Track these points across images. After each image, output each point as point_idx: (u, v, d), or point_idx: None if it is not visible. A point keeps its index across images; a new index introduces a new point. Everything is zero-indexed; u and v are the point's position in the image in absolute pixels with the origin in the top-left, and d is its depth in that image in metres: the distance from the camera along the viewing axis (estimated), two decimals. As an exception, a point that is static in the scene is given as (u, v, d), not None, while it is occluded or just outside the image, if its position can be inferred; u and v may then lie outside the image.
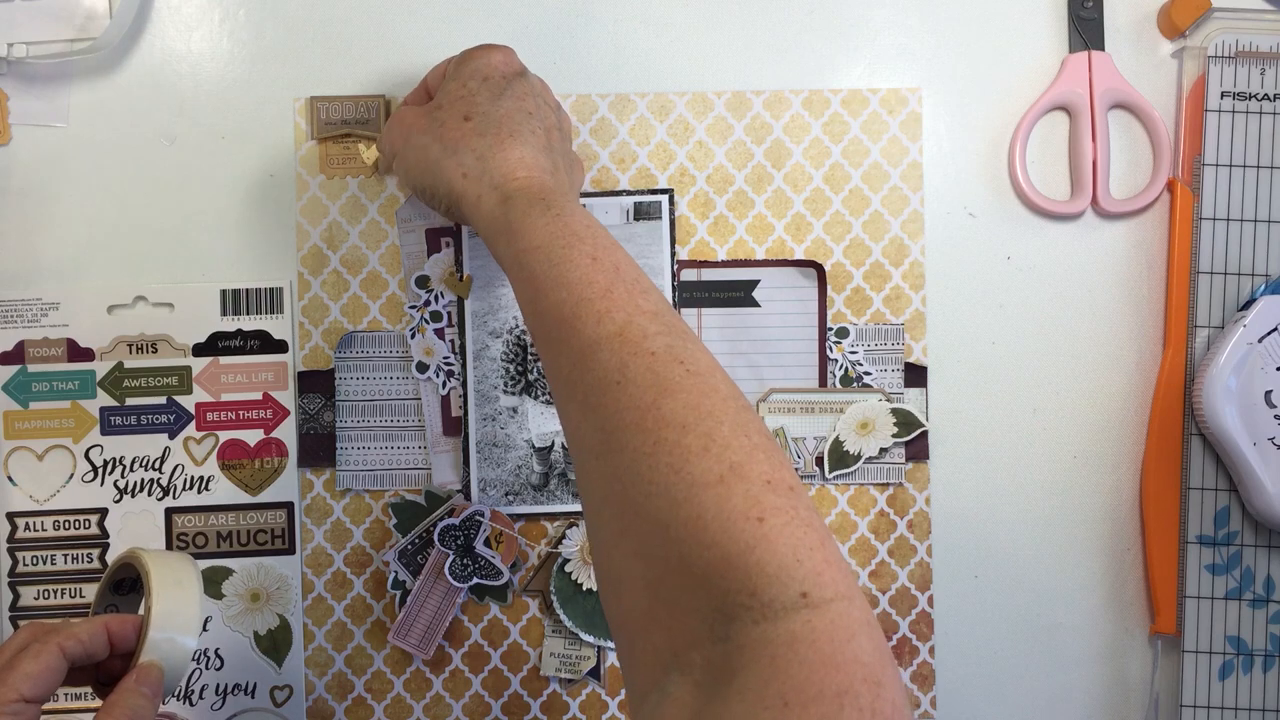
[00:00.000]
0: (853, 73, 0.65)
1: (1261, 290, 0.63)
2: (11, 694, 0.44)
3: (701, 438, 0.40)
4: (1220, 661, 0.63)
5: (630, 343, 0.43)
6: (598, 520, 0.43)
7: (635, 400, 0.41)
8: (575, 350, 0.44)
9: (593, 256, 0.47)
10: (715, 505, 0.38)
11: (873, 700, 0.34)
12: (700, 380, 0.42)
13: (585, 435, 0.43)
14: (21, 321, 0.63)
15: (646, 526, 0.40)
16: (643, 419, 0.41)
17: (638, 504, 0.40)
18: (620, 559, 0.41)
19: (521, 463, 0.64)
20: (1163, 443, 0.64)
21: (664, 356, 0.42)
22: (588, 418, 0.43)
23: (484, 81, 0.54)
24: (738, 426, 0.40)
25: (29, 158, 0.64)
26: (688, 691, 0.37)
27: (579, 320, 0.45)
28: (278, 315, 0.64)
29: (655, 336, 0.43)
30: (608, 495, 0.42)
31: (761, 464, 0.39)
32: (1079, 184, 0.65)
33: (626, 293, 0.45)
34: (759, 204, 0.65)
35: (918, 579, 0.65)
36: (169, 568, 0.50)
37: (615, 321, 0.44)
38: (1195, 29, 0.64)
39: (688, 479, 0.39)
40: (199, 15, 0.65)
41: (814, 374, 0.64)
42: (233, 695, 0.63)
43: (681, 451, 0.40)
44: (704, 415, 0.40)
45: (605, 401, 0.42)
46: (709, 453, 0.39)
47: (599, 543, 0.43)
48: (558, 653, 0.64)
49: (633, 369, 0.42)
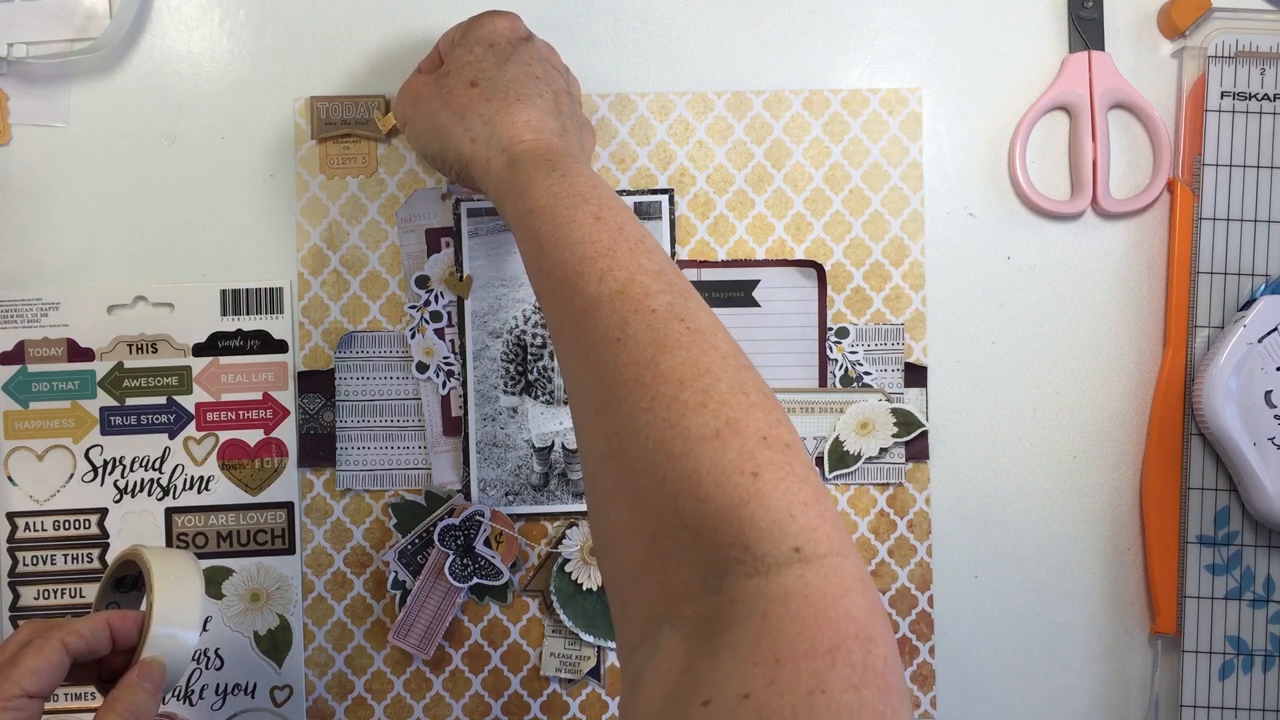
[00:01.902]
0: (853, 73, 0.65)
1: (1261, 290, 0.63)
2: (14, 689, 0.45)
3: (699, 393, 0.40)
4: (1220, 661, 0.63)
5: (631, 300, 0.43)
6: (595, 476, 0.43)
7: (634, 357, 0.42)
8: (577, 308, 0.45)
9: (596, 216, 0.47)
10: (710, 460, 0.38)
11: (864, 656, 0.34)
12: (700, 338, 0.42)
13: (585, 391, 0.44)
14: (21, 321, 0.63)
15: (642, 480, 0.40)
16: (641, 375, 0.41)
17: (634, 458, 0.40)
18: (616, 512, 0.41)
19: (521, 463, 0.64)
20: (1163, 443, 0.64)
21: (664, 314, 0.43)
22: (588, 374, 0.43)
23: (489, 48, 0.55)
24: (736, 384, 0.41)
25: (29, 158, 0.64)
26: (679, 644, 0.37)
27: (582, 278, 0.45)
28: (278, 315, 0.64)
29: (657, 295, 0.43)
30: (606, 450, 0.42)
31: (758, 420, 0.39)
32: (1079, 184, 0.65)
33: (629, 251, 0.45)
34: (759, 204, 0.65)
35: (918, 579, 0.65)
36: (170, 564, 0.50)
37: (617, 280, 0.44)
38: (1195, 29, 0.64)
39: (684, 434, 0.39)
40: (199, 15, 0.65)
41: (814, 374, 0.64)
42: (233, 695, 0.64)
43: (679, 407, 0.40)
44: (702, 372, 0.41)
45: (605, 358, 0.42)
46: (705, 408, 0.39)
47: (596, 498, 0.43)
48: (558, 653, 0.64)
49: (633, 326, 0.42)
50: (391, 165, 0.64)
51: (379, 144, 0.64)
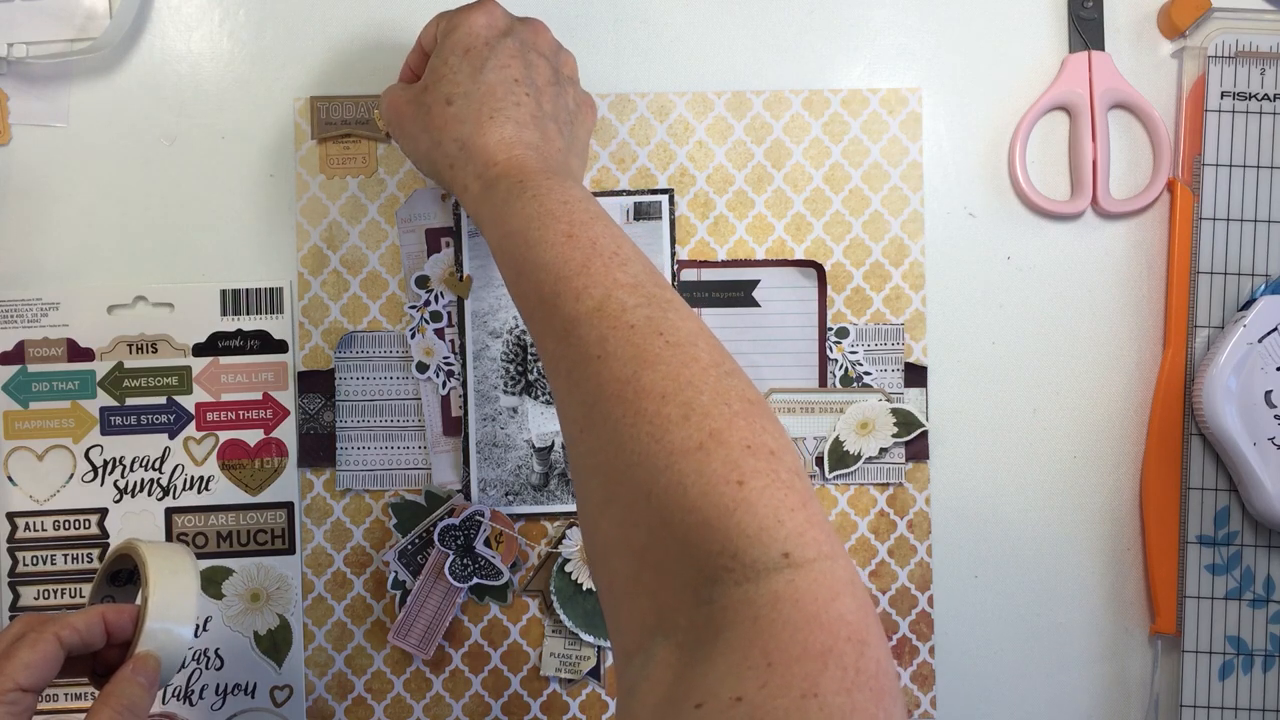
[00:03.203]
0: (853, 73, 0.65)
1: (1261, 290, 0.63)
2: (8, 683, 0.45)
3: (681, 406, 0.40)
4: (1220, 661, 0.63)
5: (609, 316, 0.43)
6: (585, 491, 0.43)
7: (615, 373, 0.42)
8: (557, 328, 0.45)
9: (568, 234, 0.47)
10: (695, 471, 0.38)
11: (857, 659, 0.34)
12: (679, 351, 0.42)
13: (571, 409, 0.44)
14: (21, 321, 0.63)
15: (630, 495, 0.40)
16: (623, 390, 0.41)
17: (621, 473, 0.40)
18: (606, 526, 0.41)
19: (521, 463, 0.64)
20: (1163, 443, 0.64)
21: (643, 328, 0.43)
22: (572, 392, 0.44)
23: (465, 55, 0.53)
24: (718, 395, 0.41)
25: (29, 158, 0.64)
26: (672, 653, 0.37)
27: (559, 299, 0.45)
28: (278, 315, 0.64)
29: (634, 309, 0.44)
30: (593, 467, 0.42)
31: (741, 429, 0.40)
32: (1079, 184, 0.65)
33: (604, 266, 0.45)
34: (759, 204, 0.65)
35: (918, 579, 0.65)
36: (166, 558, 0.50)
37: (593, 297, 0.44)
38: (1195, 29, 0.64)
39: (668, 447, 0.39)
40: (199, 15, 0.65)
41: (814, 374, 0.64)
42: (233, 695, 0.64)
43: (661, 421, 0.40)
44: (683, 385, 0.41)
45: (587, 375, 0.43)
46: (689, 421, 0.40)
47: (586, 514, 0.43)
48: (558, 653, 0.64)
49: (612, 342, 0.43)
50: (391, 165, 0.64)
51: (379, 144, 0.64)
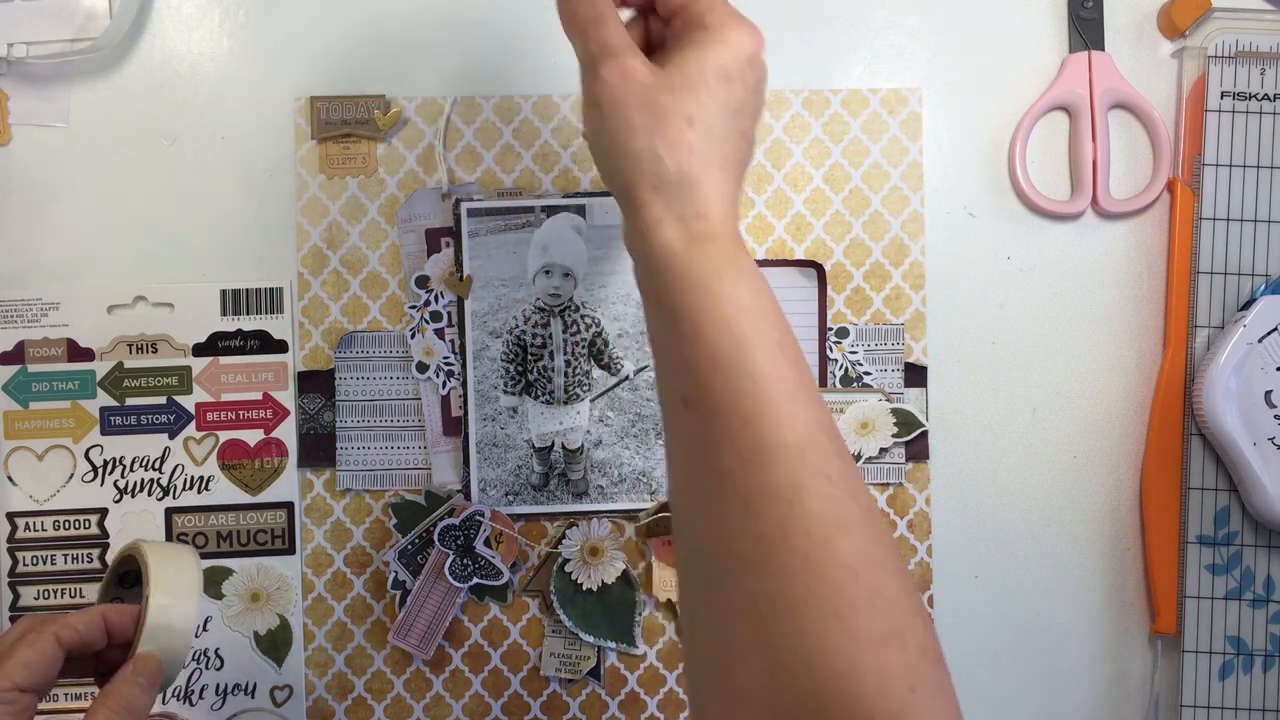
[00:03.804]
0: (853, 73, 0.65)
1: (1261, 290, 0.63)
2: (6, 683, 0.44)
3: (868, 590, 0.39)
4: (1220, 661, 0.63)
5: (810, 464, 0.40)
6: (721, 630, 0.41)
7: (807, 529, 0.40)
8: (746, 448, 0.41)
9: (780, 343, 0.43)
10: (875, 664, 0.38)
11: None
12: (868, 521, 0.40)
13: (733, 539, 0.41)
14: (21, 321, 0.63)
15: (789, 658, 0.39)
16: (812, 550, 0.39)
17: (783, 632, 0.39)
18: (745, 675, 0.40)
19: (521, 463, 0.64)
20: (1163, 443, 0.64)
21: (839, 484, 0.40)
22: (745, 523, 0.41)
23: (725, 82, 0.46)
24: (902, 585, 0.40)
25: (29, 158, 0.64)
26: None
27: (759, 420, 0.41)
28: (278, 315, 0.64)
29: (832, 460, 0.41)
30: (746, 610, 0.40)
31: (919, 631, 0.39)
32: (1079, 184, 0.65)
33: (807, 398, 0.42)
34: (759, 204, 0.65)
35: (918, 579, 0.64)
36: (168, 559, 0.50)
37: (797, 433, 0.41)
38: (1195, 29, 0.64)
39: (851, 630, 0.38)
40: (199, 15, 0.65)
41: (814, 374, 0.64)
42: (233, 695, 0.64)
43: (848, 600, 0.38)
44: (875, 565, 0.39)
45: (773, 515, 0.40)
46: (875, 609, 0.38)
47: (718, 651, 0.41)
48: (558, 653, 0.64)
49: (808, 492, 0.40)
50: (391, 165, 0.64)
51: (379, 144, 0.64)
